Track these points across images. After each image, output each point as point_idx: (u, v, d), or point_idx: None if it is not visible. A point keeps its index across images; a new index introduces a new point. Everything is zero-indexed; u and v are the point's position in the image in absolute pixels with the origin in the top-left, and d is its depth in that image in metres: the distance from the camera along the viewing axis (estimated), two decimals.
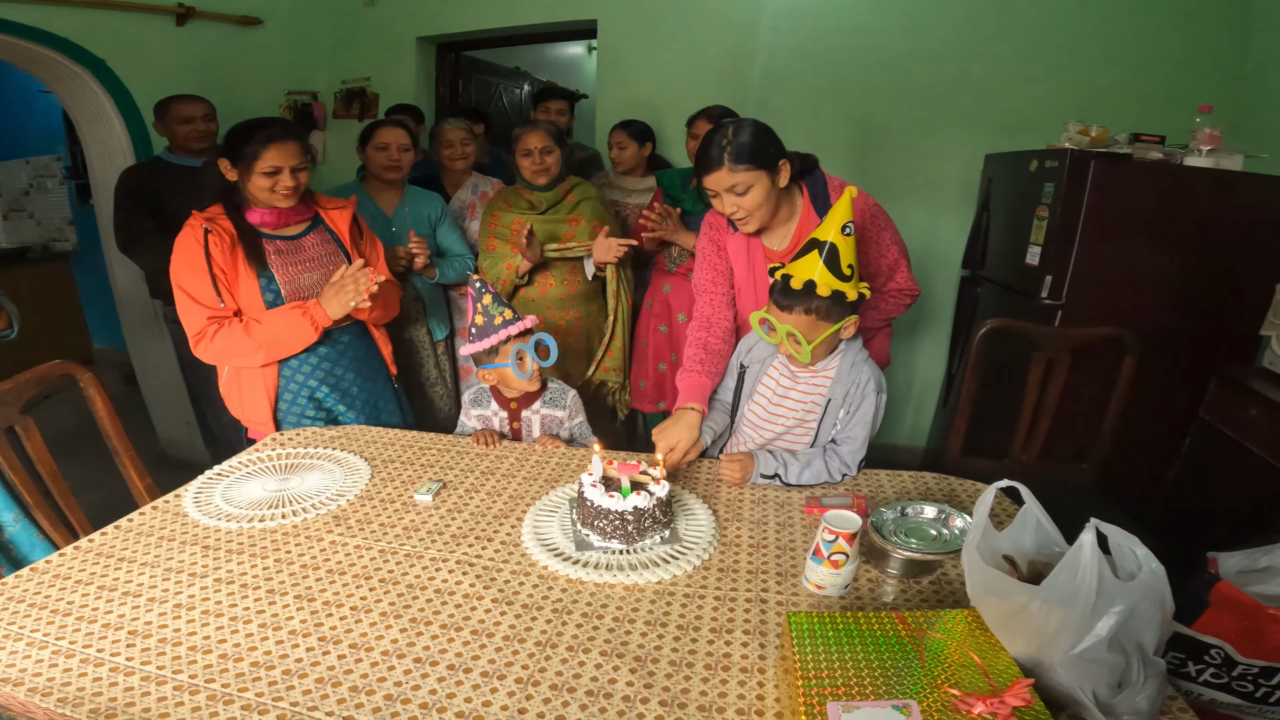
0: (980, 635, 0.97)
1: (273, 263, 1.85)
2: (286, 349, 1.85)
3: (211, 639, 1.13)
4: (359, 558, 1.36)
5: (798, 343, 1.57)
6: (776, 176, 1.67)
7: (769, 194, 1.67)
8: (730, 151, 1.61)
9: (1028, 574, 1.02)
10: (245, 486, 1.61)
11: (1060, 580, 0.87)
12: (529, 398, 1.93)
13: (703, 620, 1.19)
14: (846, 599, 1.26)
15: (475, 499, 1.58)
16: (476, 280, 1.86)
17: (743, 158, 1.61)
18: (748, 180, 1.63)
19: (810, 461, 1.64)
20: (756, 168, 1.62)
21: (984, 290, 3.05)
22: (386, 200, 2.65)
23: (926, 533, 1.32)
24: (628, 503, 1.33)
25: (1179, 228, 2.40)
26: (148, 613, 1.19)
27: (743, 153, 1.60)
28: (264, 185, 1.78)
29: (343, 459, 1.75)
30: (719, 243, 1.90)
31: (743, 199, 1.65)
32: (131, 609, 1.20)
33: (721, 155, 1.61)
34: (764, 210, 1.69)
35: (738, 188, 1.64)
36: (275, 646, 1.11)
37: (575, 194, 2.60)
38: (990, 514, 1.08)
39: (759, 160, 1.62)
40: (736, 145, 1.61)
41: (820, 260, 1.51)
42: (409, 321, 2.67)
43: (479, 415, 1.98)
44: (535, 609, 1.21)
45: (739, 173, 1.62)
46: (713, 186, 1.67)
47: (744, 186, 1.63)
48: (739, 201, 1.66)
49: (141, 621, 1.17)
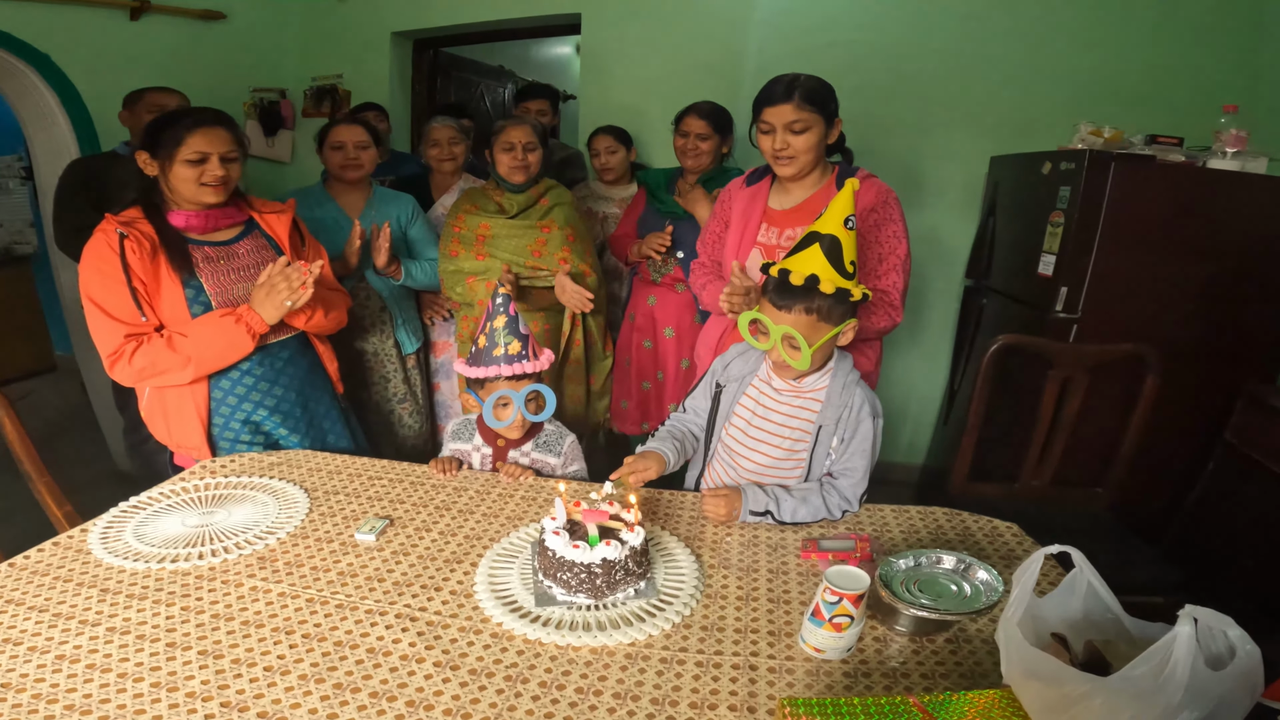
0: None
1: (201, 271, 1.66)
2: (219, 360, 1.66)
3: (92, 698, 0.95)
4: (281, 607, 1.16)
5: (794, 347, 1.39)
6: (829, 131, 1.73)
7: (819, 143, 1.72)
8: (800, 90, 1.66)
9: (1083, 657, 0.83)
10: (163, 521, 1.41)
11: (1141, 672, 0.69)
12: (520, 437, 1.73)
13: (681, 693, 1.00)
14: (849, 663, 1.08)
15: (425, 539, 1.39)
16: (501, 294, 1.64)
17: (810, 99, 1.66)
18: (808, 121, 1.67)
19: (806, 497, 1.46)
20: (818, 113, 1.68)
21: (989, 301, 2.90)
22: (351, 203, 2.46)
23: (944, 587, 1.14)
24: (595, 554, 1.14)
25: (1203, 235, 2.25)
26: (25, 664, 1.01)
27: (812, 95, 1.66)
28: (188, 176, 1.60)
29: (279, 490, 1.55)
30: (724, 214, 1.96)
31: (796, 138, 1.69)
32: (8, 659, 1.02)
33: (790, 91, 1.66)
34: (809, 157, 1.73)
35: (796, 125, 1.68)
36: (167, 712, 0.93)
37: (549, 198, 2.41)
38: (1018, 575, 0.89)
39: (822, 108, 1.68)
40: (807, 87, 1.67)
41: (822, 254, 1.36)
42: (370, 332, 2.48)
43: (457, 450, 1.77)
44: (485, 675, 1.02)
45: (803, 111, 1.66)
46: (772, 120, 1.70)
47: (802, 126, 1.68)
48: (791, 140, 1.69)
49: (17, 674, 0.99)
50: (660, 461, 1.52)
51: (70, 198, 2.45)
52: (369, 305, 2.46)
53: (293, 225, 1.86)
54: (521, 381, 1.63)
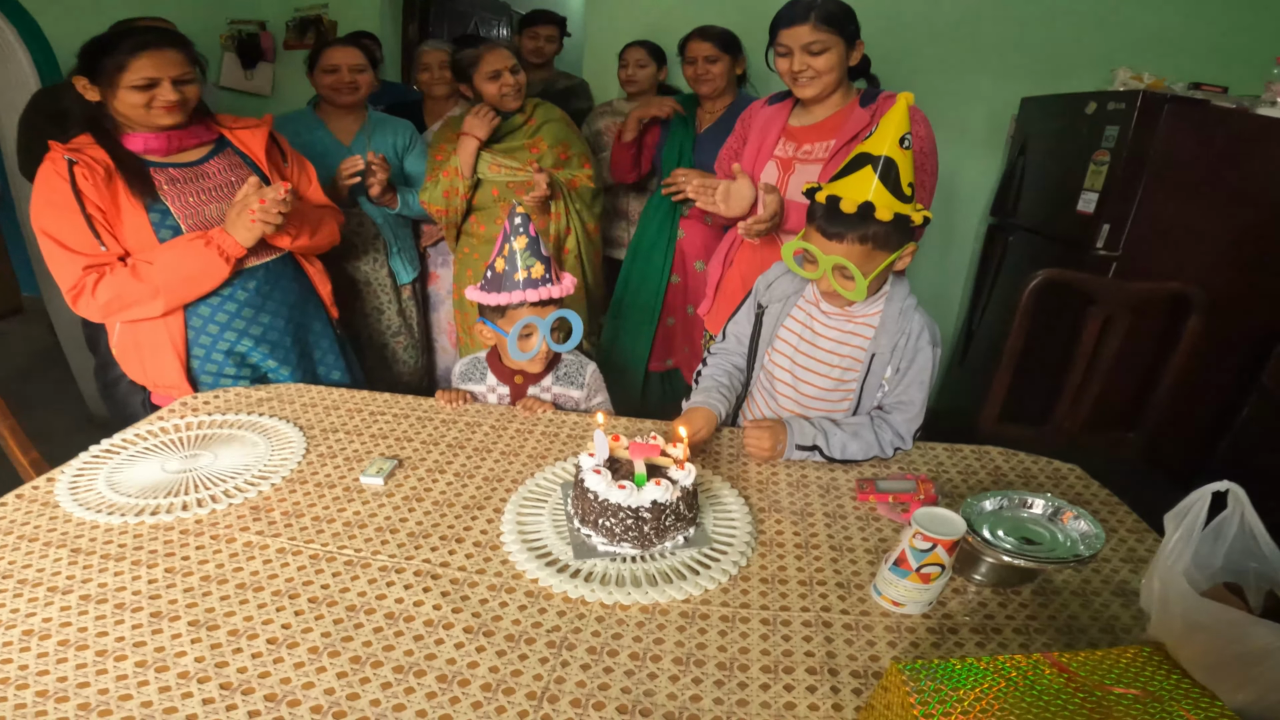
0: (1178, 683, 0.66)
1: (165, 193, 1.49)
2: (192, 289, 1.49)
3: (68, 681, 0.80)
4: (282, 566, 1.01)
5: (848, 277, 1.24)
6: (850, 52, 1.66)
7: (840, 64, 1.65)
8: (818, 11, 1.59)
9: (1263, 608, 0.71)
10: (140, 467, 1.25)
11: None
12: (537, 372, 1.57)
13: (750, 655, 0.88)
14: (931, 617, 0.96)
15: (440, 482, 1.24)
16: (519, 213, 1.44)
17: (828, 21, 1.60)
18: (827, 42, 1.60)
19: (857, 431, 1.32)
20: (838, 34, 1.61)
21: (1015, 238, 2.89)
22: (343, 128, 2.26)
23: (1034, 532, 1.01)
24: (643, 495, 1.00)
25: (1252, 182, 2.22)
26: None
27: (830, 17, 1.60)
28: (136, 102, 1.42)
29: (271, 428, 1.39)
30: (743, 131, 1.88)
31: (815, 59, 1.63)
32: None
33: (808, 12, 1.59)
34: (831, 77, 1.66)
35: (814, 46, 1.61)
36: (157, 696, 0.79)
37: (537, 116, 2.21)
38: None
39: (841, 28, 1.61)
40: (824, 8, 1.60)
41: (875, 177, 1.19)
42: (362, 259, 2.29)
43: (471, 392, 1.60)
44: (524, 642, 0.89)
45: (821, 32, 1.59)
46: (789, 42, 1.63)
47: (821, 46, 1.61)
48: (811, 61, 1.63)
49: None
50: (710, 418, 1.38)
51: (39, 124, 2.21)
52: (362, 230, 2.28)
53: (271, 141, 1.69)
54: (546, 308, 1.46)
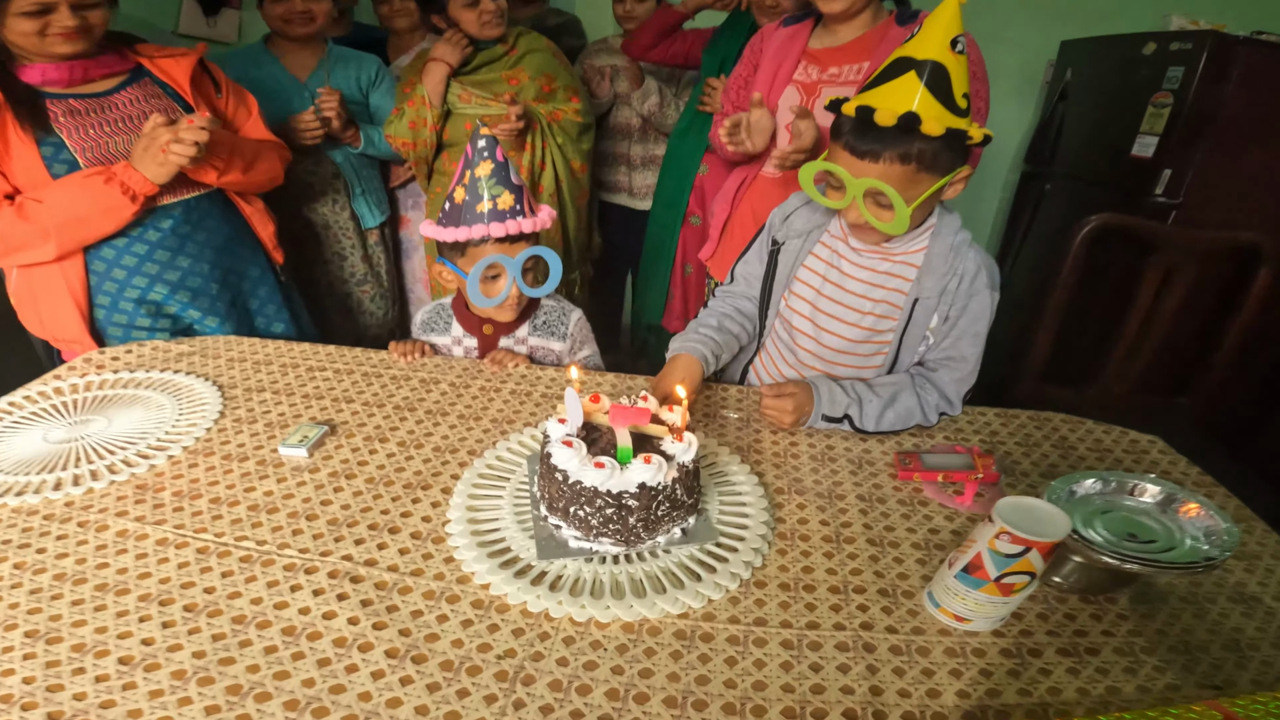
0: None
1: (61, 125, 1.27)
2: (89, 229, 1.27)
3: None
4: (159, 564, 0.78)
5: (884, 205, 0.99)
6: None
7: None
8: None
9: None
10: (17, 439, 1.01)
11: None
12: (514, 320, 1.33)
13: (768, 693, 0.65)
14: (1004, 634, 0.73)
15: (379, 454, 1.00)
16: (484, 135, 1.18)
17: None
18: None
19: (896, 395, 1.08)
20: None
21: (1054, 186, 2.76)
22: (299, 63, 1.99)
23: (1143, 528, 0.77)
24: (629, 476, 0.76)
25: None
26: None
27: None
28: (28, 30, 1.19)
29: (184, 387, 1.15)
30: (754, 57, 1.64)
31: None
32: None
33: None
34: None
35: None
36: None
37: (520, 46, 1.95)
38: None
39: None
40: None
41: (921, 85, 0.93)
42: (320, 201, 2.03)
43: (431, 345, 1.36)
44: (465, 672, 0.66)
45: None
46: None
47: None
48: None
49: None
50: (693, 368, 1.14)
51: None
52: (319, 170, 2.02)
53: (202, 71, 1.45)
54: (516, 245, 1.21)
